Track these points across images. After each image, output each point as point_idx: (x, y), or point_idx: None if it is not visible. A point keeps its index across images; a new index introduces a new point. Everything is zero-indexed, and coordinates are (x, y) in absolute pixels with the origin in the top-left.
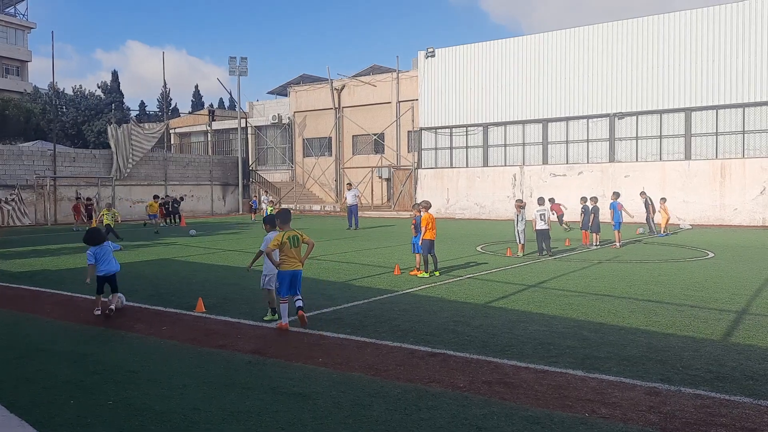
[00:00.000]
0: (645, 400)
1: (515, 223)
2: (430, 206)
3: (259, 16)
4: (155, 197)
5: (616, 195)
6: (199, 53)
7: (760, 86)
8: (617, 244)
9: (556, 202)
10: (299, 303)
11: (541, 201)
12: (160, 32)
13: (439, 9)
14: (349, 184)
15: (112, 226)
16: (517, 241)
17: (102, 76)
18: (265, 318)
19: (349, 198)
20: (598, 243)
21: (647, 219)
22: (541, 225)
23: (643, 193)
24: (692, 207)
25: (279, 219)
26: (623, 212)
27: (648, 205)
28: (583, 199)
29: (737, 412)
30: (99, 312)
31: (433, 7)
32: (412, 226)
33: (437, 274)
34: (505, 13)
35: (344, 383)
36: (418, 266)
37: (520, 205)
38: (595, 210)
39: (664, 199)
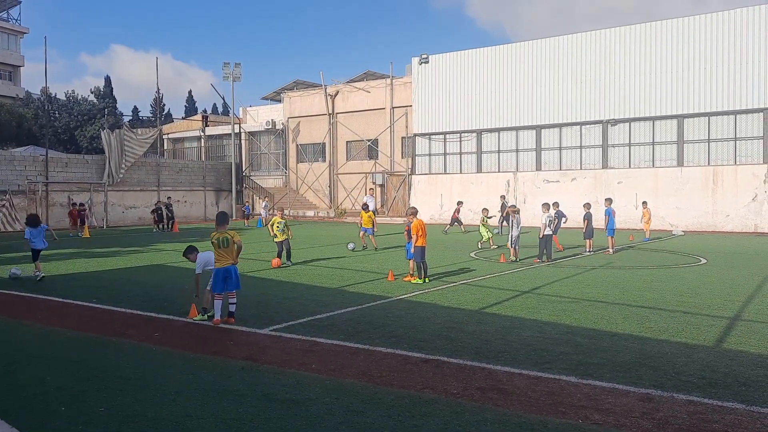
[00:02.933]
0: (638, 406)
1: (510, 229)
2: (417, 212)
3: (251, 21)
4: (365, 207)
5: (610, 201)
6: (184, 57)
7: (752, 93)
8: (610, 250)
9: (461, 204)
10: (232, 308)
11: (546, 207)
12: (144, 36)
13: (428, 16)
14: (371, 189)
15: (288, 237)
16: (510, 245)
17: (88, 80)
18: (195, 318)
19: (371, 204)
20: (591, 249)
21: (500, 221)
22: (548, 231)
23: (503, 197)
24: (685, 213)
25: (215, 221)
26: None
27: (503, 208)
28: (555, 205)
29: (730, 418)
30: (39, 275)
31: (423, 14)
32: (405, 232)
33: (426, 281)
34: (490, 19)
35: (337, 390)
36: (411, 272)
37: (514, 211)
38: (588, 216)
39: (645, 203)
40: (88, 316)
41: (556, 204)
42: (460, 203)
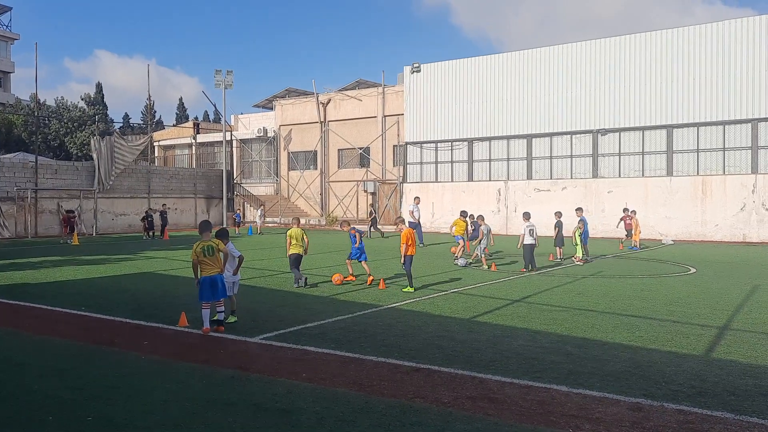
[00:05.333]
0: (628, 415)
1: (479, 240)
2: (405, 221)
3: (242, 28)
4: (463, 213)
5: (581, 210)
6: (169, 63)
7: (741, 104)
8: (587, 258)
9: (630, 212)
10: (220, 316)
11: (527, 216)
12: (128, 42)
13: (416, 24)
14: (417, 198)
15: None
16: (479, 253)
17: (73, 86)
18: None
19: (416, 213)
20: (561, 257)
21: (370, 228)
22: (529, 240)
23: (371, 205)
24: (674, 222)
25: (198, 230)
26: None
27: (372, 214)
28: (527, 216)
29: (719, 428)
30: None
31: (412, 23)
32: (356, 236)
33: (412, 290)
34: (475, 26)
35: (328, 399)
36: (351, 273)
37: (475, 220)
38: (559, 225)
39: (634, 212)
40: (77, 324)
41: (558, 213)
42: (630, 211)
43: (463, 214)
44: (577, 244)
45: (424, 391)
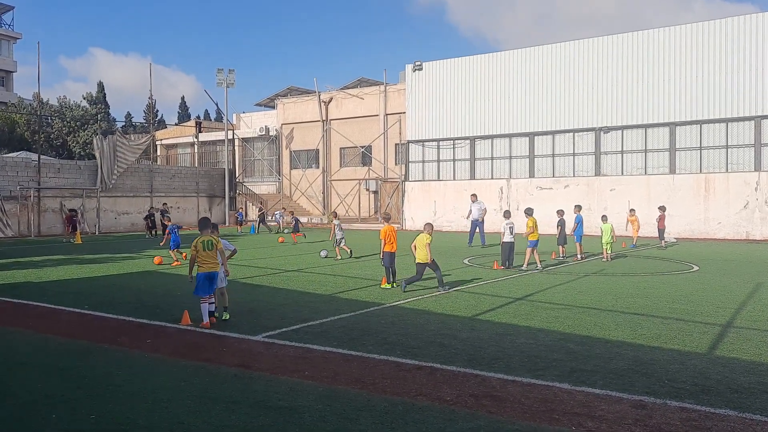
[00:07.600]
0: (631, 413)
1: (335, 232)
2: (389, 218)
3: (242, 27)
4: (528, 211)
5: (579, 208)
6: (165, 62)
7: (743, 102)
8: (579, 256)
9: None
10: (211, 307)
11: (507, 215)
12: (122, 40)
13: (415, 24)
14: (474, 195)
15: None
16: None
17: (69, 85)
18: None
19: (474, 212)
20: (563, 255)
21: (259, 224)
22: (508, 238)
23: (260, 203)
24: (677, 220)
25: (198, 226)
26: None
27: (260, 211)
28: (507, 214)
29: (723, 426)
30: None
31: (411, 22)
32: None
33: (394, 285)
34: (471, 25)
35: (331, 397)
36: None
37: (335, 218)
38: (561, 223)
39: (633, 210)
40: (80, 323)
41: (560, 211)
42: (662, 209)
43: (528, 212)
44: (607, 243)
45: (426, 389)
